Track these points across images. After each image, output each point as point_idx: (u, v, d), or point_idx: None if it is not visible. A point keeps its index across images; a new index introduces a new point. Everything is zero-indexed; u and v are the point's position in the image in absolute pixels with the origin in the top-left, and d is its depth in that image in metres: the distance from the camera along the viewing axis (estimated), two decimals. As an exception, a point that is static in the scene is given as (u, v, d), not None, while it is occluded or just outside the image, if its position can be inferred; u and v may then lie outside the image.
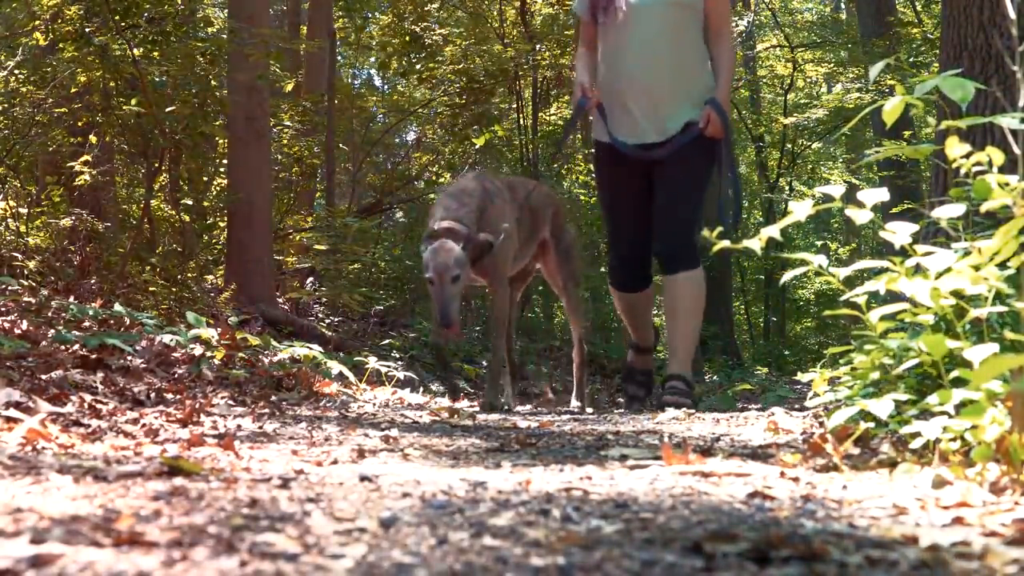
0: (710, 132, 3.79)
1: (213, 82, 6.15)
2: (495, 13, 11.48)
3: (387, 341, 6.30)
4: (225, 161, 7.08)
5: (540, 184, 4.64)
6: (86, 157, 5.61)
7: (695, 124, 3.82)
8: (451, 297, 3.61)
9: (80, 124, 5.85)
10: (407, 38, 9.15)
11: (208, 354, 3.81)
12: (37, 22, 5.40)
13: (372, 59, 12.90)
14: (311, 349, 4.29)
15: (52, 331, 3.61)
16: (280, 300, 6.67)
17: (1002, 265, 1.75)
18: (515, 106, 10.82)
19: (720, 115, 3.79)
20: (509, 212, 4.09)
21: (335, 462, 1.93)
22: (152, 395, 3.11)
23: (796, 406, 4.48)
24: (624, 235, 4.01)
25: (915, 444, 1.75)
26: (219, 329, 4.11)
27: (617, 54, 3.89)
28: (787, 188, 16.43)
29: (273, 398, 3.59)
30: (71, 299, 4.45)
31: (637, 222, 3.95)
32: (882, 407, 1.78)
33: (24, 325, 3.65)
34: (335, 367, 4.24)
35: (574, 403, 4.64)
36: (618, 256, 4.06)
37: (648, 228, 3.92)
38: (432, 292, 3.66)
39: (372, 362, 4.72)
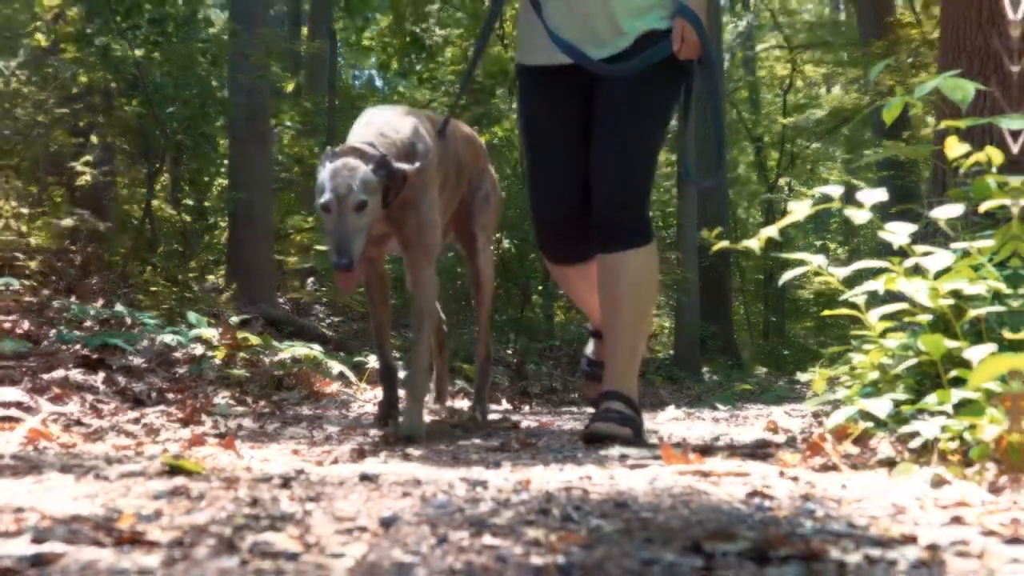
0: (684, 53, 2.71)
1: (214, 83, 6.16)
2: (495, 13, 11.47)
3: (387, 341, 6.29)
4: (226, 162, 7.09)
5: (459, 123, 3.24)
6: (87, 157, 5.61)
7: (660, 37, 2.72)
8: (354, 229, 2.49)
9: (81, 124, 5.86)
10: (407, 39, 9.16)
11: (209, 354, 3.81)
12: (39, 23, 5.41)
13: (372, 59, 12.90)
14: (312, 349, 4.30)
15: (54, 331, 3.62)
16: (281, 300, 6.67)
17: (1001, 265, 1.76)
18: (515, 106, 10.83)
19: (697, 29, 2.70)
20: (440, 164, 2.92)
21: (336, 461, 1.94)
22: (153, 395, 3.12)
23: (795, 406, 4.49)
24: (551, 184, 2.87)
25: (914, 444, 1.75)
26: (220, 329, 4.12)
27: None
28: (786, 188, 16.44)
29: (274, 398, 3.59)
30: (72, 299, 4.45)
31: (570, 166, 2.82)
32: (881, 407, 1.79)
33: (26, 325, 3.65)
34: (336, 367, 4.25)
35: (475, 409, 3.38)
36: (543, 213, 2.89)
37: (586, 175, 2.80)
38: (327, 223, 2.54)
39: (372, 362, 4.72)
